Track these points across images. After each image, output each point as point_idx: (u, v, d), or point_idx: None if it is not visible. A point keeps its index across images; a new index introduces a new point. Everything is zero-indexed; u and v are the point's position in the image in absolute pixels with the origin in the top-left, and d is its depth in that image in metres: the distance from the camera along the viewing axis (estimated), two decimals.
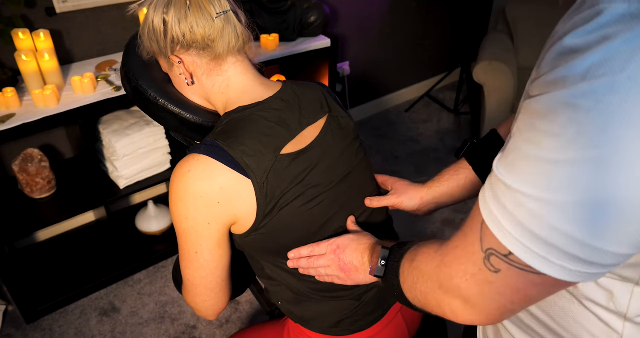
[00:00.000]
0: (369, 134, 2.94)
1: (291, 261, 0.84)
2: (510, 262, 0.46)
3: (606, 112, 0.37)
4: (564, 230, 0.41)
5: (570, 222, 0.41)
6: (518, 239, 0.44)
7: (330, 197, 0.84)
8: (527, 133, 0.43)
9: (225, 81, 0.82)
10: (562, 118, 0.39)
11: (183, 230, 0.76)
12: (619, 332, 0.55)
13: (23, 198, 1.71)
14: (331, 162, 0.84)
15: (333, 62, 2.11)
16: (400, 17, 2.89)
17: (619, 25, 0.37)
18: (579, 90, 0.38)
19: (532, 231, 0.43)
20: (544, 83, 0.42)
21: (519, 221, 0.44)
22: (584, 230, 0.41)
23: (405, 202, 0.92)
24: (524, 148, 0.43)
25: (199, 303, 0.83)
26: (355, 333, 0.90)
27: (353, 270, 0.79)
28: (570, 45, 0.40)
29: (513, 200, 0.44)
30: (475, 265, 0.50)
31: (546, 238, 0.43)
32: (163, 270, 2.00)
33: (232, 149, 0.74)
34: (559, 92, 0.39)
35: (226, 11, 0.77)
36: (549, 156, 0.40)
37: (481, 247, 0.49)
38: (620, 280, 0.52)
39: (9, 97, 1.45)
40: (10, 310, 1.80)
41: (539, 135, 0.41)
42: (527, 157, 0.43)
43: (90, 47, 1.80)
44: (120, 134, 1.72)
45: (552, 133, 0.40)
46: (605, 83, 0.37)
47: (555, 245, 0.42)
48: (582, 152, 0.38)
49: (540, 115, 0.41)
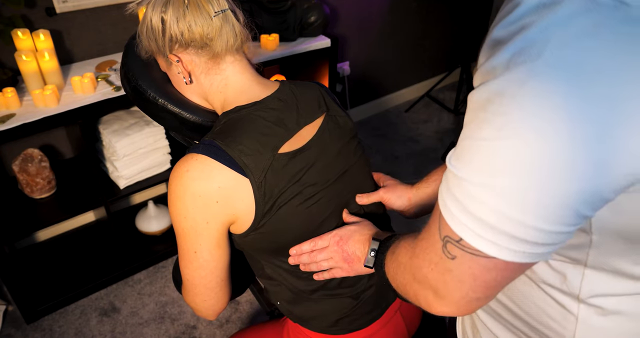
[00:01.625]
0: (369, 134, 2.94)
1: (292, 257, 0.84)
2: (462, 247, 0.48)
3: (530, 95, 0.39)
4: (504, 212, 0.43)
5: (509, 205, 0.43)
6: (466, 225, 0.47)
7: (328, 195, 0.84)
8: (470, 123, 0.46)
9: (223, 80, 0.82)
10: (495, 105, 0.42)
11: (182, 230, 0.76)
12: (574, 314, 0.57)
13: (23, 198, 1.71)
14: (328, 161, 0.84)
15: (333, 62, 2.11)
16: (400, 17, 2.89)
17: (534, 15, 0.40)
18: (505, 78, 0.41)
19: (477, 216, 0.45)
20: (480, 74, 0.45)
21: (465, 207, 0.46)
22: (521, 211, 0.43)
23: (393, 199, 0.93)
24: (467, 137, 0.46)
25: (199, 303, 0.83)
26: (354, 332, 0.90)
27: (356, 261, 0.80)
28: (497, 36, 0.43)
29: (460, 188, 0.46)
30: (437, 254, 0.52)
31: (490, 222, 0.44)
32: (163, 270, 2.00)
33: (230, 148, 0.74)
34: (490, 82, 0.42)
35: (224, 10, 0.77)
36: (487, 143, 0.43)
37: (440, 235, 0.51)
38: (571, 263, 0.55)
39: (9, 97, 1.45)
40: (10, 310, 1.80)
41: (479, 123, 0.44)
42: (470, 146, 0.45)
43: (90, 47, 1.80)
44: (120, 134, 1.72)
45: (487, 120, 0.43)
46: (525, 69, 0.39)
47: (498, 228, 0.44)
48: (514, 136, 0.41)
49: (478, 105, 0.44)
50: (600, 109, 0.38)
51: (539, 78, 0.39)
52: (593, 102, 0.38)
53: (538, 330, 0.62)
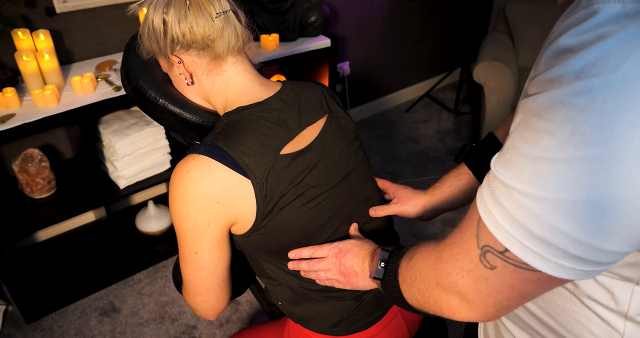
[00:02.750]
0: (369, 134, 2.94)
1: (292, 263, 0.85)
2: (506, 258, 0.47)
3: (601, 110, 0.37)
4: (560, 228, 0.42)
5: (566, 221, 0.41)
6: (514, 236, 0.45)
7: (330, 197, 0.84)
8: (524, 131, 0.43)
9: (224, 81, 0.82)
10: (558, 117, 0.39)
11: (183, 231, 0.76)
12: (620, 331, 0.55)
13: (23, 198, 1.71)
14: (330, 162, 0.84)
15: (333, 62, 2.11)
16: (400, 17, 2.89)
17: (613, 25, 0.37)
18: (574, 89, 0.38)
19: (528, 228, 0.43)
20: (540, 82, 0.42)
21: (515, 218, 0.44)
22: (580, 228, 0.41)
23: (409, 209, 0.93)
24: (521, 146, 0.44)
25: (199, 303, 0.83)
26: (355, 333, 0.90)
27: (353, 275, 0.80)
28: (566, 44, 0.40)
29: (510, 197, 0.44)
30: (472, 262, 0.50)
31: (542, 236, 0.43)
32: (163, 270, 2.00)
33: (232, 149, 0.74)
34: (554, 91, 0.40)
35: (226, 11, 0.77)
36: (545, 155, 0.41)
37: (477, 243, 0.49)
38: (620, 280, 0.53)
39: (9, 97, 1.45)
40: (10, 310, 1.80)
41: (536, 133, 0.42)
42: (524, 156, 0.43)
43: (90, 47, 1.80)
44: (120, 134, 1.72)
45: (548, 131, 0.40)
46: (600, 82, 0.37)
47: (550, 243, 0.43)
48: (578, 150, 0.39)
49: (536, 114, 0.42)
50: None
51: (614, 92, 0.37)
52: None
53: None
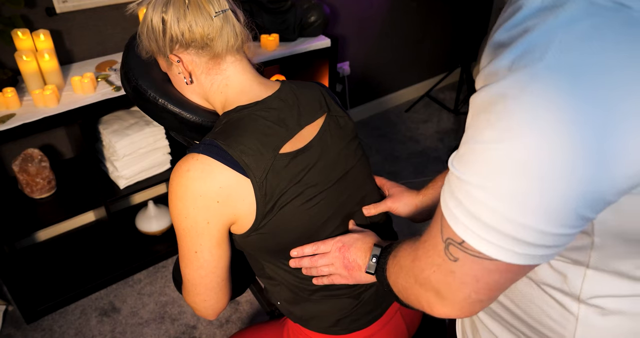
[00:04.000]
0: (369, 134, 2.94)
1: (293, 260, 0.85)
2: (465, 249, 0.48)
3: (530, 98, 0.39)
4: (506, 215, 0.43)
5: (511, 208, 0.43)
6: (468, 226, 0.47)
7: (329, 196, 0.84)
8: (472, 126, 0.46)
9: (224, 80, 0.82)
10: (498, 107, 0.42)
11: (183, 230, 0.76)
12: (575, 314, 0.57)
13: (23, 198, 1.71)
14: (329, 161, 0.84)
15: (333, 62, 2.11)
16: (400, 17, 2.89)
17: (535, 18, 0.40)
18: (507, 81, 0.41)
19: (479, 218, 0.45)
20: (482, 77, 0.45)
21: (468, 209, 0.46)
22: (523, 213, 0.43)
23: (401, 207, 0.93)
24: (470, 140, 0.46)
25: (199, 303, 0.83)
26: (354, 332, 0.90)
27: (356, 269, 0.80)
28: (499, 40, 0.43)
29: (463, 190, 0.47)
30: (439, 256, 0.52)
31: (492, 224, 0.45)
32: (163, 270, 2.00)
33: (231, 148, 0.74)
34: (492, 85, 0.42)
35: (225, 10, 0.77)
36: (489, 146, 0.43)
37: (442, 237, 0.51)
38: (572, 264, 0.55)
39: (9, 97, 1.45)
40: (10, 310, 1.80)
41: (481, 125, 0.44)
42: (472, 149, 0.45)
43: (90, 47, 1.80)
44: (120, 134, 1.72)
45: (490, 122, 0.43)
46: (527, 73, 0.39)
47: (501, 230, 0.44)
48: (515, 139, 0.41)
49: (480, 108, 0.44)
50: (600, 110, 0.38)
51: (540, 81, 0.39)
52: (593, 104, 0.38)
53: (538, 330, 0.62)
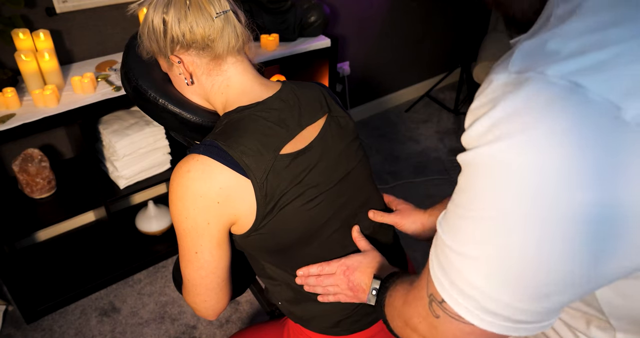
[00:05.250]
0: (369, 134, 2.94)
1: (299, 278, 0.86)
2: (444, 309, 0.49)
3: (492, 175, 0.40)
4: (474, 282, 0.44)
5: (477, 276, 0.44)
6: (446, 288, 0.47)
7: (330, 197, 0.84)
8: (456, 188, 0.46)
9: (224, 81, 0.82)
10: (465, 175, 0.43)
11: (183, 230, 0.76)
12: None
13: (23, 198, 1.71)
14: (330, 162, 0.84)
15: (333, 62, 2.11)
16: (400, 17, 2.89)
17: (499, 93, 0.40)
18: (475, 152, 0.41)
19: (454, 281, 0.46)
20: (463, 141, 0.45)
21: (445, 271, 0.47)
22: (489, 284, 0.43)
23: (407, 225, 0.94)
24: (451, 202, 0.47)
25: (199, 303, 0.83)
26: (355, 333, 0.90)
27: (360, 291, 0.82)
28: (473, 109, 0.43)
29: (442, 251, 0.47)
30: (424, 309, 0.52)
31: (464, 289, 0.45)
32: (163, 270, 2.00)
33: (232, 148, 0.74)
34: (467, 152, 0.43)
35: (226, 11, 0.77)
36: (461, 212, 0.44)
37: (427, 291, 0.52)
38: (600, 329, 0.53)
39: (9, 97, 1.45)
40: (10, 310, 1.80)
41: (457, 190, 0.45)
42: (451, 212, 0.47)
43: (90, 47, 1.80)
44: (120, 134, 1.72)
45: (461, 189, 0.44)
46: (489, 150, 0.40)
47: (470, 296, 0.45)
48: (480, 211, 0.42)
49: (461, 172, 0.45)
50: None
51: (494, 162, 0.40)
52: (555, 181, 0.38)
53: None
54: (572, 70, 0.37)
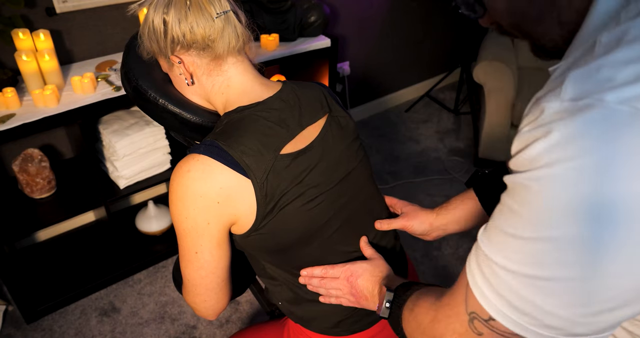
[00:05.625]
0: (369, 134, 2.94)
1: (302, 278, 0.86)
2: (490, 327, 0.49)
3: (551, 197, 0.41)
4: (531, 299, 0.45)
5: (535, 293, 0.44)
6: (497, 305, 0.48)
7: (330, 197, 0.84)
8: (500, 206, 0.48)
9: (225, 81, 0.82)
10: (520, 197, 0.44)
11: (183, 230, 0.76)
12: None
13: (23, 198, 1.71)
14: (331, 162, 0.84)
15: (333, 62, 2.11)
16: (400, 17, 2.89)
17: (554, 119, 0.42)
18: (528, 175, 0.43)
19: (507, 299, 0.46)
20: (511, 163, 0.47)
21: (495, 289, 0.47)
22: (550, 301, 0.44)
23: (415, 225, 0.94)
24: (496, 220, 0.48)
25: (199, 303, 0.83)
26: (355, 334, 0.90)
27: (363, 298, 0.82)
28: (526, 137, 0.44)
29: (490, 268, 0.48)
30: (462, 326, 0.53)
31: (519, 306, 0.46)
32: (163, 270, 2.00)
33: (232, 148, 0.74)
34: (518, 174, 0.44)
35: (226, 11, 0.77)
36: (513, 232, 0.45)
37: (466, 309, 0.52)
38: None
39: (9, 97, 1.45)
40: (10, 310, 1.80)
41: (506, 210, 0.46)
42: (498, 229, 0.47)
43: (90, 47, 1.80)
44: (120, 134, 1.72)
45: (513, 210, 0.45)
46: (546, 173, 0.41)
47: (527, 313, 0.45)
48: (537, 232, 0.42)
49: (508, 192, 0.47)
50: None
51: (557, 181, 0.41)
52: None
53: None
54: (632, 97, 0.38)
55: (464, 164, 2.69)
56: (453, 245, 2.11)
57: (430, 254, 2.08)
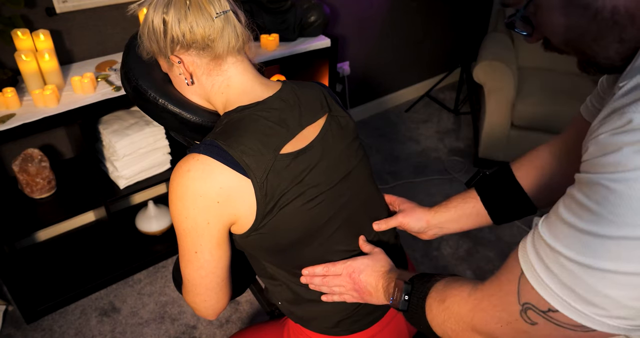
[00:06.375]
0: (369, 134, 2.94)
1: (304, 278, 0.86)
2: (548, 317, 0.50)
3: (634, 198, 0.43)
4: (605, 293, 0.46)
5: (612, 287, 0.46)
6: (561, 297, 0.49)
7: (330, 196, 0.84)
8: (570, 201, 0.49)
9: (225, 81, 0.82)
10: (598, 196, 0.45)
11: (183, 230, 0.76)
12: None
13: (23, 198, 1.71)
14: (331, 162, 0.84)
15: (333, 62, 2.11)
16: (400, 17, 2.89)
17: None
18: (613, 176, 0.44)
19: (574, 291, 0.48)
20: (588, 165, 0.48)
21: (561, 280, 0.48)
22: (625, 294, 0.45)
23: (412, 223, 0.94)
24: (564, 214, 0.49)
25: (199, 303, 0.83)
26: (355, 333, 0.90)
27: (367, 293, 0.82)
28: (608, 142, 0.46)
29: (555, 260, 0.49)
30: (512, 316, 0.53)
31: (589, 299, 0.47)
32: (163, 270, 2.00)
33: (232, 148, 0.74)
34: (597, 175, 0.46)
35: (226, 11, 0.77)
36: (588, 228, 0.46)
37: (518, 299, 0.53)
38: None
39: (9, 97, 1.45)
40: (10, 310, 1.80)
41: (578, 207, 0.47)
42: (568, 224, 0.48)
43: (90, 47, 1.80)
44: (120, 134, 1.72)
45: (589, 208, 0.46)
46: (635, 175, 0.43)
47: (597, 305, 0.47)
48: (619, 230, 0.44)
49: (580, 190, 0.48)
50: None
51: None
52: None
53: None
54: None
55: (464, 164, 2.69)
56: (453, 245, 2.11)
57: (430, 254, 2.08)
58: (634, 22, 0.51)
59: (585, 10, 0.52)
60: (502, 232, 2.17)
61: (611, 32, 0.53)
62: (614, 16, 0.51)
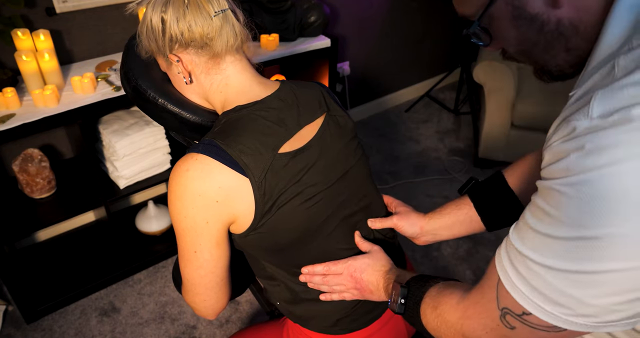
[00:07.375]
0: (369, 134, 2.94)
1: (304, 276, 0.86)
2: (523, 320, 0.52)
3: (584, 201, 0.45)
4: (568, 292, 0.48)
5: (572, 286, 0.48)
6: (531, 299, 0.51)
7: (328, 195, 0.84)
8: (533, 207, 0.52)
9: (223, 80, 0.82)
10: (554, 201, 0.48)
11: (182, 230, 0.76)
12: None
13: (23, 198, 1.71)
14: (329, 161, 0.84)
15: (333, 62, 2.11)
16: (400, 17, 2.89)
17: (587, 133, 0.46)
18: (564, 181, 0.47)
19: (542, 292, 0.50)
20: (544, 172, 0.51)
21: (530, 283, 0.51)
22: (584, 292, 0.47)
23: (406, 227, 0.95)
24: (529, 219, 0.52)
25: (199, 302, 0.83)
26: (354, 332, 0.90)
27: (368, 292, 0.84)
28: (559, 149, 0.49)
29: (523, 264, 0.51)
30: (494, 321, 0.56)
31: (554, 299, 0.49)
32: (163, 270, 2.00)
33: (230, 147, 0.74)
34: (551, 181, 0.49)
35: (224, 10, 0.77)
36: (547, 231, 0.49)
37: (497, 305, 0.55)
38: None
39: (9, 97, 1.45)
40: (10, 310, 1.80)
41: (539, 211, 0.50)
42: (532, 228, 0.51)
43: (90, 47, 1.80)
44: (120, 134, 1.72)
45: (547, 212, 0.49)
46: (582, 179, 0.45)
47: (562, 304, 0.49)
48: (572, 232, 0.46)
49: (541, 195, 0.50)
50: None
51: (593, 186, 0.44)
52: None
53: None
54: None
55: (464, 164, 2.69)
56: (453, 246, 2.11)
57: (430, 255, 2.08)
58: (577, 33, 0.54)
59: (533, 23, 0.56)
60: (502, 232, 2.16)
61: (558, 43, 0.57)
62: (559, 28, 0.55)
